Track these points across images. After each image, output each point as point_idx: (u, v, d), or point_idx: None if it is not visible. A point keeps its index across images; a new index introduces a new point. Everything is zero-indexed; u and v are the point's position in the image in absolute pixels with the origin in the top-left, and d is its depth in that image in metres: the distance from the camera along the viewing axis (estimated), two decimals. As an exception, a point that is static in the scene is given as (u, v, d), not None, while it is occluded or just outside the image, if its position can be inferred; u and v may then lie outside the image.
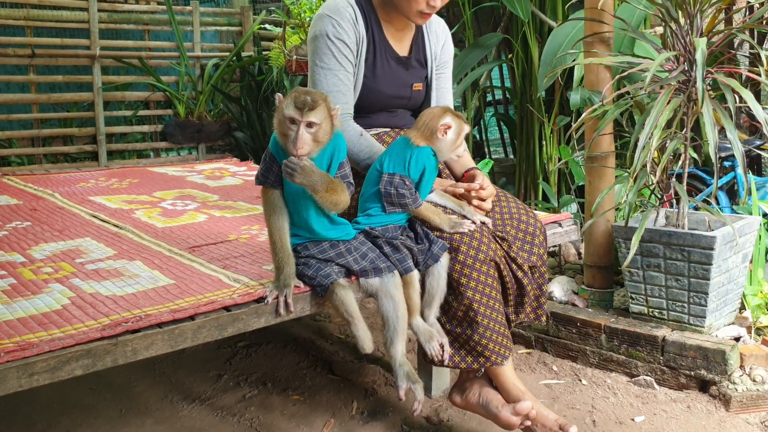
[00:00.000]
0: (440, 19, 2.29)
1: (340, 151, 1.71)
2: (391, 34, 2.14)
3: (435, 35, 2.24)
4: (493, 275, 1.88)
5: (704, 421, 2.17)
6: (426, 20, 2.07)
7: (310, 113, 1.56)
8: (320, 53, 2.03)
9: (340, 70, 2.03)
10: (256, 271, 1.81)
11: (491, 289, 1.87)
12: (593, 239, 2.77)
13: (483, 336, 1.85)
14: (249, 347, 2.78)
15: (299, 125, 1.56)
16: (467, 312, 1.85)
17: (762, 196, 3.52)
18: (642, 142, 2.22)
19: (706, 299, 2.37)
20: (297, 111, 1.56)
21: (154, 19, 5.84)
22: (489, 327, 1.85)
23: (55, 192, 3.03)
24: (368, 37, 2.08)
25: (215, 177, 3.48)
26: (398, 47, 2.16)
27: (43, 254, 2.04)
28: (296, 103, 1.56)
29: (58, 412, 2.27)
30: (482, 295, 1.85)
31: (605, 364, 2.55)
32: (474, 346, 1.86)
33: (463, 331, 1.88)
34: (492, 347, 1.86)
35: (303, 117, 1.56)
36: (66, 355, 1.31)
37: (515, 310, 2.00)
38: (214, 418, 2.24)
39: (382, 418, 2.23)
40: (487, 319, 1.85)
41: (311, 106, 1.56)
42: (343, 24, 2.03)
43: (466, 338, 1.87)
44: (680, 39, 2.38)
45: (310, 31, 2.10)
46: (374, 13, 2.10)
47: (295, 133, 1.57)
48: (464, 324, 1.87)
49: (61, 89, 5.54)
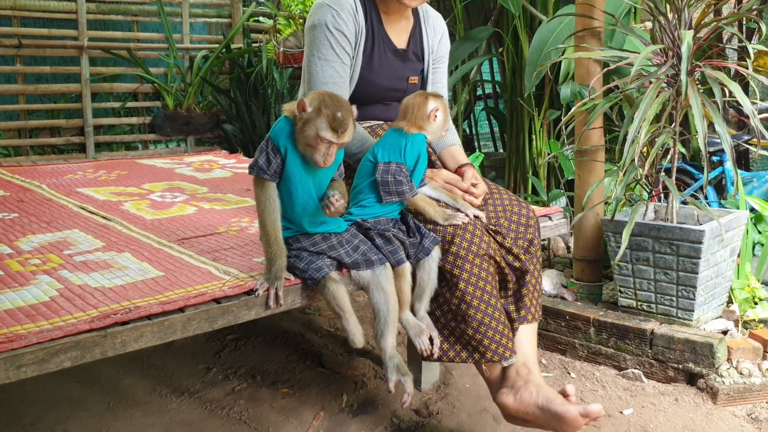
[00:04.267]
0: (437, 13, 2.29)
1: (340, 150, 1.72)
2: (389, 26, 2.13)
3: (433, 29, 2.24)
4: (487, 269, 1.86)
5: (692, 414, 2.18)
6: (418, 3, 2.07)
7: (345, 135, 1.59)
8: (318, 43, 2.02)
9: (337, 61, 2.02)
10: (247, 264, 1.80)
11: (485, 283, 1.85)
12: (582, 233, 2.78)
13: (477, 330, 1.82)
14: (238, 340, 2.77)
15: (332, 146, 1.59)
16: (460, 305, 1.84)
17: (749, 190, 3.54)
18: (631, 136, 2.23)
19: (694, 293, 2.38)
20: (333, 134, 1.57)
21: (142, 10, 5.78)
22: (483, 322, 1.82)
23: (43, 183, 3.00)
24: (367, 28, 2.07)
25: (204, 169, 3.46)
26: (396, 39, 2.15)
27: (30, 246, 2.02)
28: (332, 125, 1.57)
29: (45, 406, 2.26)
30: (476, 288, 1.83)
31: (594, 357, 2.57)
32: (468, 340, 1.84)
33: (457, 325, 1.86)
34: (487, 343, 1.83)
35: (339, 140, 1.58)
36: (54, 347, 1.30)
37: (516, 307, 1.95)
38: (203, 411, 2.24)
39: (372, 410, 2.23)
40: (482, 314, 1.83)
41: (345, 128, 1.58)
42: (343, 14, 2.02)
43: (461, 332, 1.85)
44: (668, 33, 2.39)
45: (308, 19, 2.08)
46: (374, 4, 2.10)
47: (326, 150, 1.59)
48: (458, 317, 1.85)
49: (48, 80, 5.48)
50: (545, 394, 1.77)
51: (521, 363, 1.88)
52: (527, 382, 1.82)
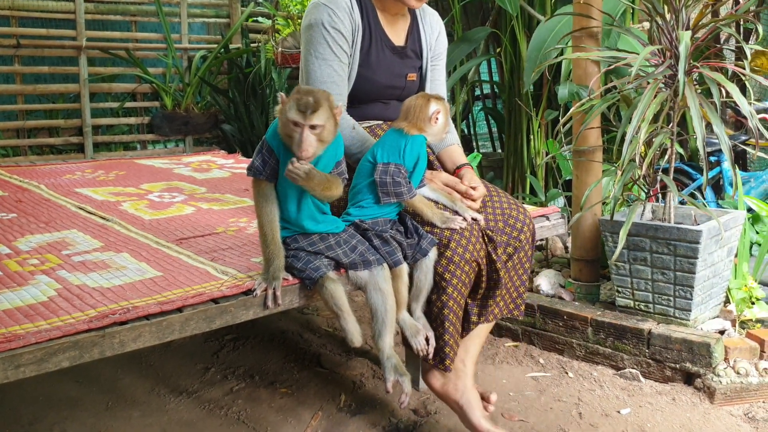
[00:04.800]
0: (434, 11, 2.29)
1: (339, 149, 1.71)
2: (386, 22, 2.13)
3: (430, 26, 2.24)
4: (469, 274, 1.89)
5: (689, 413, 2.19)
6: (421, 4, 2.08)
7: (313, 116, 1.55)
8: (315, 43, 2.02)
9: (335, 60, 2.02)
10: (245, 264, 1.81)
11: (466, 289, 1.90)
12: (580, 233, 2.79)
13: (443, 338, 1.88)
14: (236, 340, 2.78)
15: (303, 128, 1.55)
16: (442, 309, 1.86)
17: (746, 190, 3.55)
18: (629, 136, 2.23)
19: (691, 293, 2.39)
20: (300, 114, 1.54)
21: (141, 10, 5.78)
22: (449, 331, 1.88)
23: (41, 184, 3.00)
24: (364, 25, 2.07)
25: (203, 169, 3.46)
26: (394, 36, 2.15)
27: (29, 246, 2.03)
28: (299, 106, 1.54)
29: (44, 406, 2.26)
30: (459, 294, 1.87)
31: (591, 357, 2.57)
32: (442, 346, 1.89)
33: (436, 328, 1.89)
34: (447, 351, 1.88)
35: (306, 120, 1.55)
36: (53, 347, 1.30)
37: (479, 310, 1.98)
38: (202, 410, 2.24)
39: (370, 410, 2.23)
40: (452, 326, 1.88)
41: (314, 108, 1.55)
42: (339, 13, 2.02)
43: (438, 336, 1.89)
44: (666, 33, 2.39)
45: (304, 19, 2.08)
46: (370, 1, 2.10)
47: (300, 136, 1.55)
48: (438, 321, 1.88)
49: (47, 80, 5.48)
50: (468, 398, 1.93)
51: (460, 358, 1.95)
52: (458, 378, 1.95)
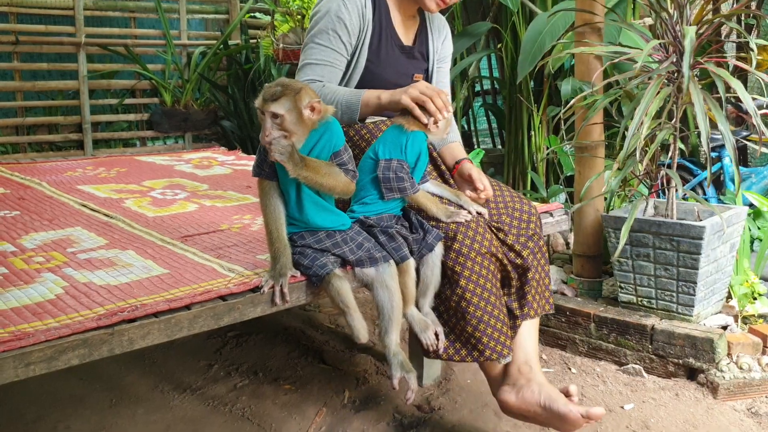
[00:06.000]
0: (440, 14, 2.30)
1: (333, 140, 1.69)
2: (398, 21, 2.14)
3: (438, 30, 2.25)
4: (488, 267, 1.85)
5: (692, 409, 2.20)
6: (440, 8, 2.09)
7: (272, 104, 1.57)
8: (319, 31, 2.03)
9: (333, 51, 2.03)
10: (251, 261, 1.81)
11: (486, 281, 1.84)
12: (582, 229, 2.79)
13: (476, 328, 1.81)
14: (239, 337, 2.78)
15: (264, 115, 1.58)
16: (460, 302, 1.83)
17: (748, 186, 3.56)
18: (631, 131, 2.23)
19: (694, 288, 2.40)
20: (260, 101, 1.59)
21: (140, 7, 5.77)
22: (483, 320, 1.82)
23: (43, 181, 2.99)
24: (375, 22, 2.07)
25: (204, 166, 3.46)
26: (403, 36, 2.16)
27: (33, 243, 2.02)
28: (263, 94, 1.59)
29: (47, 403, 2.26)
30: (476, 285, 1.82)
31: (594, 352, 2.58)
32: (468, 338, 1.83)
33: (457, 322, 1.85)
34: (486, 341, 1.82)
35: (265, 107, 1.58)
36: (62, 345, 1.30)
37: (519, 304, 1.93)
38: (206, 407, 2.24)
39: (374, 406, 2.24)
40: (481, 311, 1.82)
41: (275, 97, 1.58)
42: (349, 5, 2.02)
43: (461, 330, 1.85)
44: (670, 29, 2.39)
45: (314, 6, 2.09)
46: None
47: (263, 123, 1.59)
48: (458, 314, 1.85)
49: (46, 77, 5.48)
50: (548, 393, 1.77)
51: (523, 360, 1.88)
52: (529, 380, 1.83)
